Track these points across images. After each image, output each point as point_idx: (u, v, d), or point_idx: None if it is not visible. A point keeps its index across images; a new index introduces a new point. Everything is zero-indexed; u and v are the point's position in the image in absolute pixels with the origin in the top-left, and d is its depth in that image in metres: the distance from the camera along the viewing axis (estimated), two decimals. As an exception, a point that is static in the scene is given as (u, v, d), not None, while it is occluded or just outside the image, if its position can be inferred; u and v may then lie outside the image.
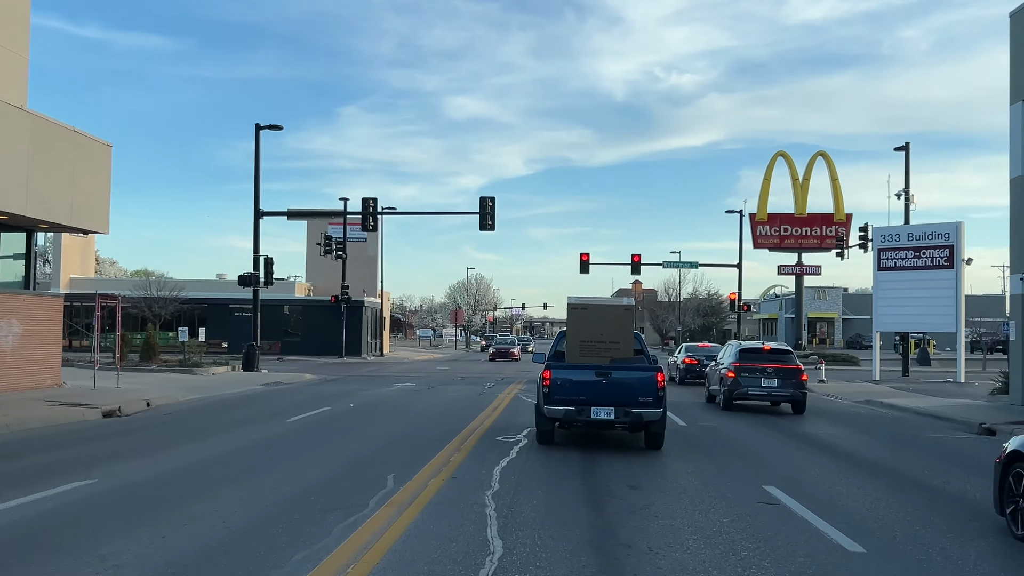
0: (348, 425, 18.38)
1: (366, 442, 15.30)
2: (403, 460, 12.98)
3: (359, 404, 23.70)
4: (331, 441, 15.47)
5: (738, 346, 25.64)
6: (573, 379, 14.28)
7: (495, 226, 39.42)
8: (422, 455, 13.49)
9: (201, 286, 62.50)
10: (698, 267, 65.26)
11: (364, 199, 39.53)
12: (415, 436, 16.25)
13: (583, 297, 15.90)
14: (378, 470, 12.00)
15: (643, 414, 14.15)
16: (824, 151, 65.94)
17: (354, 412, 21.45)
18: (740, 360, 24.34)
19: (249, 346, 39.20)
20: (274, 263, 39.53)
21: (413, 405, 23.71)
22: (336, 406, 22.97)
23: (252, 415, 20.59)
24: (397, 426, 18.14)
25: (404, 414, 21.14)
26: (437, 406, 23.40)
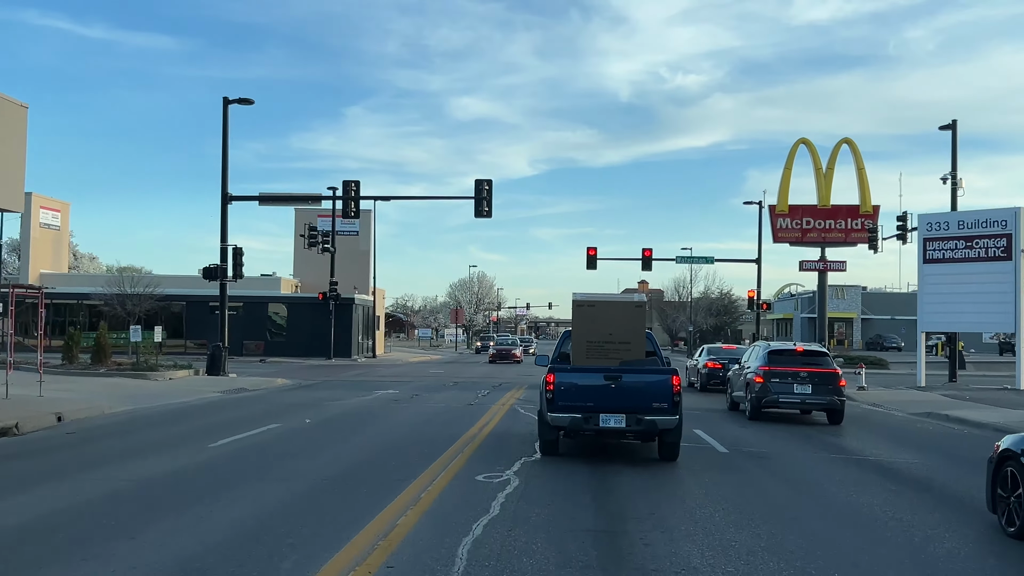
0: (285, 452, 14.05)
1: (289, 486, 10.93)
2: (326, 522, 8.66)
3: (319, 420, 19.35)
4: (243, 483, 11.13)
5: (766, 348, 22.74)
6: (579, 383, 13.09)
7: (492, 212, 35.11)
8: (359, 512, 9.16)
9: (180, 282, 58.20)
10: (714, 262, 60.88)
11: (345, 182, 35.21)
12: (363, 475, 11.92)
13: (590, 293, 14.76)
14: (277, 543, 7.68)
15: (657, 422, 12.91)
16: (850, 138, 61.38)
17: (304, 432, 17.08)
18: (769, 363, 21.57)
19: (215, 347, 34.92)
20: (243, 254, 35.20)
21: (384, 421, 19.35)
22: (289, 422, 18.62)
23: (174, 436, 16.24)
24: (347, 456, 13.75)
25: (366, 435, 16.79)
26: (413, 422, 19.04)
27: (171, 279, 57.91)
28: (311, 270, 62.02)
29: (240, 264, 35.11)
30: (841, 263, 61.69)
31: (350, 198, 35.19)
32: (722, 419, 21.75)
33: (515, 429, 17.71)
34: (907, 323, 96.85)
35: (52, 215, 61.04)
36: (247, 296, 57.74)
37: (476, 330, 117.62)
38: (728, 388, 25.81)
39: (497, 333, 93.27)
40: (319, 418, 19.70)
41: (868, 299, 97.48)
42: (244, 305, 57.82)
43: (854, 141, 61.49)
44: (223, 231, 35.16)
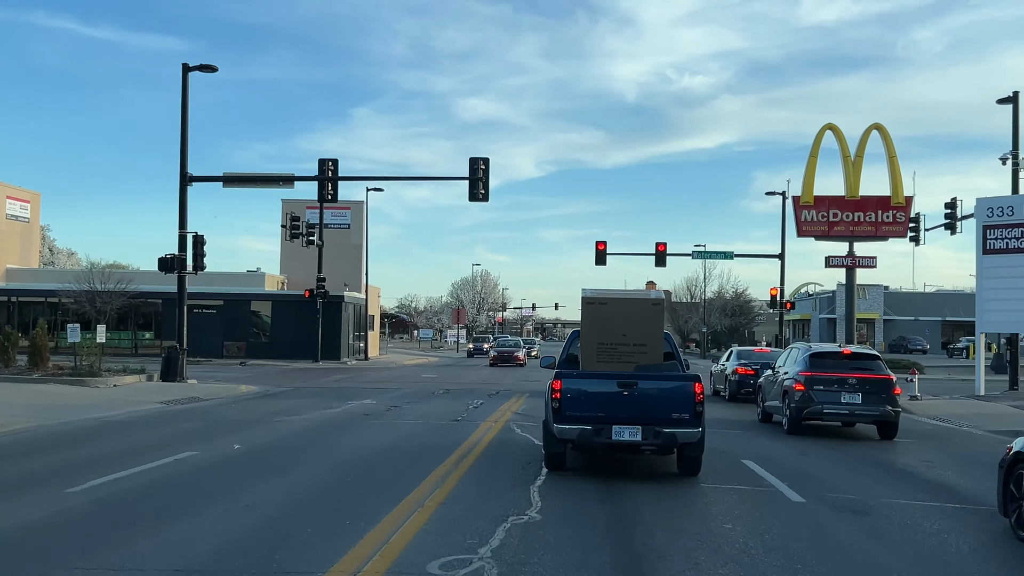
0: (167, 504, 9.73)
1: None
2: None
3: (253, 445, 14.95)
4: (49, 571, 6.69)
5: (807, 350, 19.78)
6: (589, 391, 11.90)
7: (488, 195, 30.67)
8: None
9: (154, 279, 53.62)
10: (733, 257, 56.40)
11: (321, 161, 30.80)
12: (245, 558, 7.44)
13: (601, 290, 13.50)
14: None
15: (677, 435, 11.74)
16: (880, 124, 56.80)
17: (218, 466, 12.68)
18: (812, 368, 18.82)
19: (170, 349, 30.58)
20: (205, 242, 30.81)
21: (335, 448, 14.87)
22: (211, 449, 14.24)
23: (40, 469, 11.92)
24: (244, 517, 9.27)
25: (296, 474, 12.31)
26: (371, 450, 14.59)
27: (145, 275, 53.51)
28: (299, 266, 57.62)
29: (201, 254, 30.75)
30: (871, 259, 57.07)
31: (326, 179, 30.73)
32: (758, 434, 18.61)
33: (504, 462, 13.30)
34: (931, 324, 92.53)
35: (21, 206, 56.85)
36: (228, 294, 53.51)
37: (480, 331, 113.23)
38: (759, 397, 22.25)
39: (495, 335, 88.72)
40: (255, 442, 15.28)
41: (890, 299, 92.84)
42: (225, 303, 53.60)
43: (885, 127, 56.99)
44: (182, 216, 30.80)
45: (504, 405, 23.75)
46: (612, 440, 11.73)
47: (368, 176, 34.12)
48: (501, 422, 19.03)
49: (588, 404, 11.79)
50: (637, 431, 11.66)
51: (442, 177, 36.81)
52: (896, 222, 56.26)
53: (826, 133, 57.33)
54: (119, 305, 50.39)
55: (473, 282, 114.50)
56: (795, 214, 56.51)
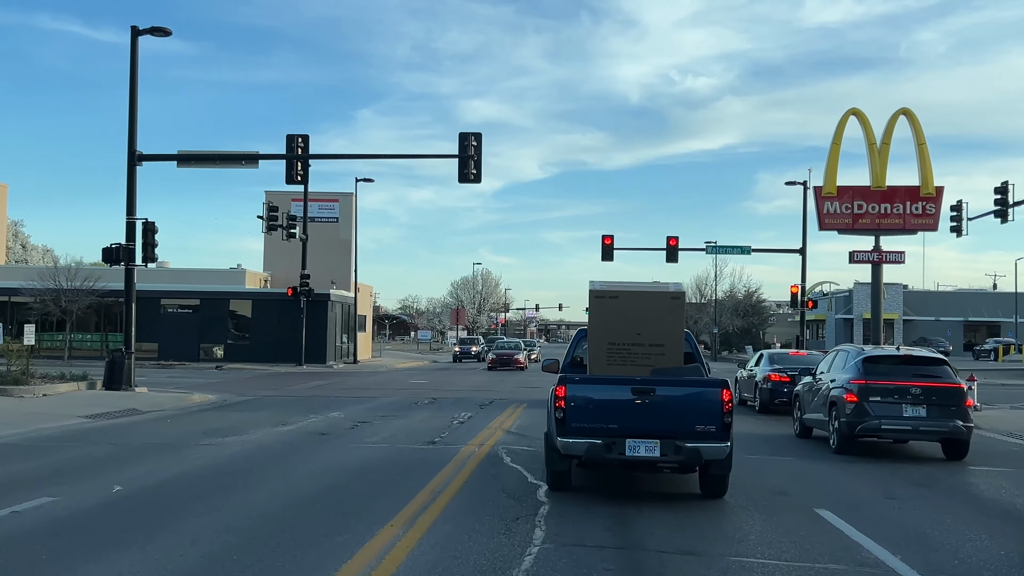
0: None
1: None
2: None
3: (144, 486, 11.04)
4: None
5: (859, 353, 16.75)
6: (599, 398, 10.26)
7: (481, 176, 26.71)
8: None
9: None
10: (750, 252, 52.13)
11: (289, 136, 26.82)
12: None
13: (611, 282, 11.83)
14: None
15: (702, 450, 10.02)
16: (908, 108, 52.77)
17: (64, 527, 8.77)
18: (866, 375, 15.86)
19: (114, 353, 26.65)
20: (156, 231, 26.88)
21: (257, 491, 10.86)
22: (80, 492, 10.37)
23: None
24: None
25: (175, 540, 8.34)
26: (308, 494, 10.65)
27: (116, 272, 49.55)
28: (284, 262, 53.68)
29: (152, 244, 26.82)
30: (898, 253, 53.03)
31: (295, 157, 26.74)
32: (804, 457, 15.49)
33: (482, 516, 9.30)
34: (952, 325, 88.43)
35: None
36: (205, 292, 49.65)
37: (481, 332, 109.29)
38: (797, 408, 19.11)
39: (488, 336, 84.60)
40: (149, 480, 11.34)
41: (911, 299, 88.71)
42: (201, 303, 49.76)
43: (913, 112, 52.96)
44: (129, 200, 26.86)
45: (496, 420, 19.79)
46: (626, 456, 10.20)
47: (344, 155, 29.94)
48: (488, 446, 15.06)
49: (597, 414, 10.25)
50: (655, 446, 10.12)
51: (428, 155, 33.06)
52: (926, 214, 52.08)
53: (850, 119, 53.33)
54: (86, 304, 46.53)
55: (473, 282, 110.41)
56: (817, 206, 52.37)
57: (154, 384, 31.10)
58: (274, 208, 41.51)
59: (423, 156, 35.80)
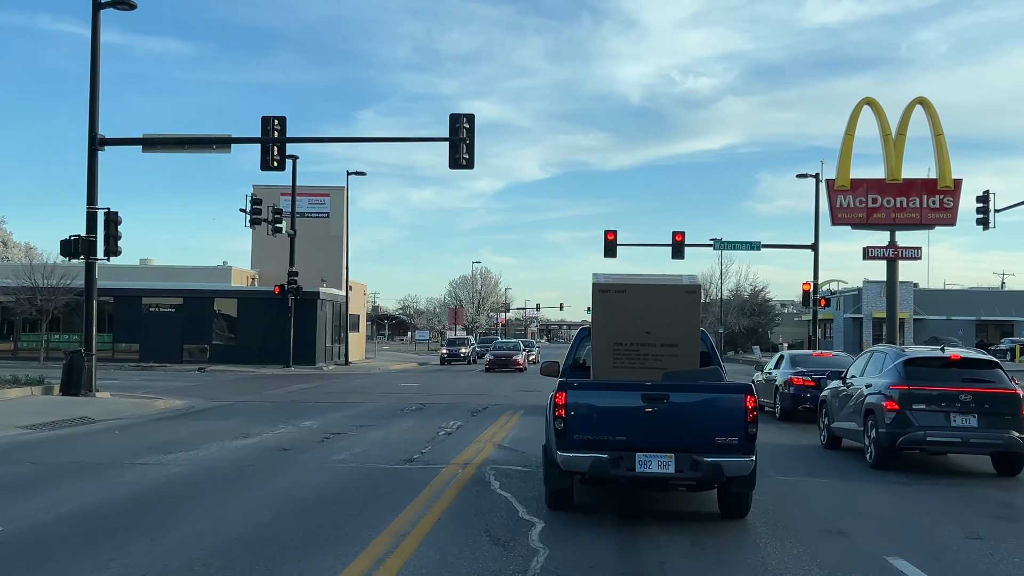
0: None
1: None
2: None
3: (29, 525, 8.78)
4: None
5: (899, 355, 14.87)
6: (604, 406, 9.15)
7: (473, 161, 24.44)
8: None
9: (106, 273, 47.47)
10: (760, 248, 49.85)
11: (264, 118, 24.49)
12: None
13: (618, 274, 10.71)
14: None
15: (723, 465, 8.85)
16: (925, 98, 50.56)
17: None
18: (908, 380, 14.07)
19: (72, 355, 24.34)
20: (120, 222, 24.58)
21: (171, 534, 8.50)
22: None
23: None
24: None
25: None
26: (237, 536, 8.38)
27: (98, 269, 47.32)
28: (273, 260, 51.34)
29: (115, 236, 24.50)
30: (915, 249, 50.81)
31: (271, 141, 24.40)
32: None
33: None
34: (964, 324, 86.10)
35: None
36: (188, 290, 47.37)
37: (481, 332, 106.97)
38: (823, 415, 17.19)
39: (480, 336, 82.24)
40: (47, 516, 9.11)
41: (921, 297, 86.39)
42: (185, 301, 47.43)
43: (930, 101, 50.69)
44: (90, 188, 24.54)
45: (487, 431, 17.52)
46: (635, 472, 9.04)
47: (324, 138, 27.39)
48: (474, 465, 12.77)
49: (603, 424, 9.12)
50: (669, 460, 8.98)
51: (416, 138, 30.71)
52: (943, 208, 49.85)
53: (864, 108, 51.03)
54: (63, 303, 44.24)
55: (472, 281, 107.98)
56: (829, 200, 50.04)
57: (124, 388, 28.95)
58: (257, 201, 39.21)
59: (411, 139, 33.70)
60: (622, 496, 10.48)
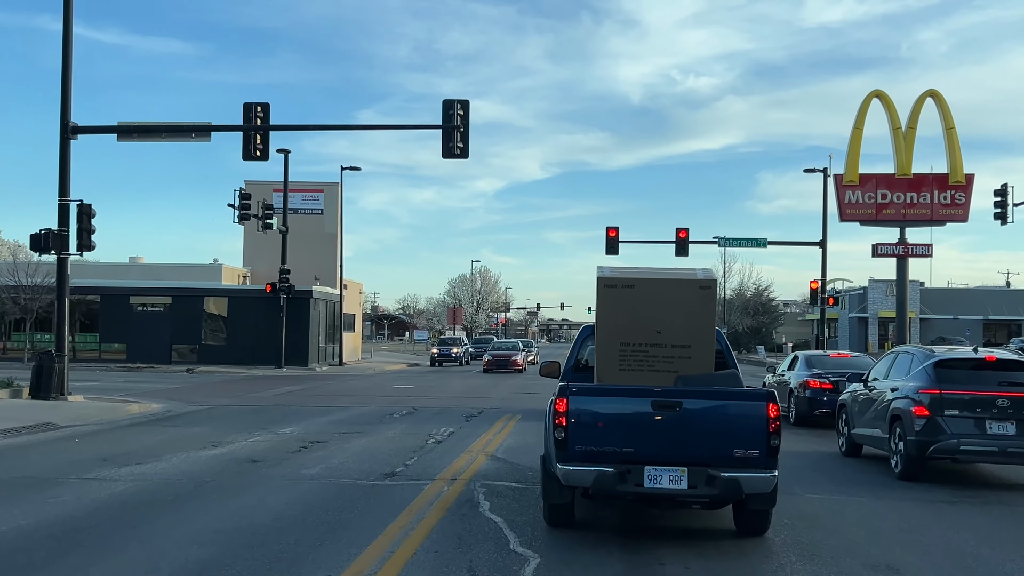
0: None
1: None
2: None
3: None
4: None
5: (928, 357, 13.65)
6: (610, 414, 8.31)
7: (468, 150, 23.04)
8: None
9: (92, 271, 46.37)
10: (767, 245, 48.48)
11: (247, 105, 23.10)
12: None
13: (625, 268, 10.23)
14: None
15: (741, 481, 8.01)
16: (935, 90, 49.05)
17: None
18: (939, 383, 12.88)
19: (43, 356, 22.90)
20: (94, 213, 23.16)
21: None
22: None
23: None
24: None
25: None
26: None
27: (82, 267, 45.91)
28: (265, 258, 50.00)
29: (88, 230, 23.09)
30: (926, 247, 49.43)
31: (254, 128, 23.00)
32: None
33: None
34: (971, 323, 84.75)
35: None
36: (177, 289, 45.97)
37: (481, 332, 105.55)
38: (843, 421, 16.06)
39: (481, 336, 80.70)
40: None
41: (928, 296, 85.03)
42: (174, 300, 46.02)
43: (941, 94, 49.22)
44: (62, 179, 23.12)
45: (480, 439, 16.11)
46: (644, 488, 8.18)
47: (311, 126, 25.77)
48: (463, 480, 11.35)
49: (608, 434, 8.30)
50: (681, 475, 8.12)
51: (407, 126, 29.25)
52: (955, 204, 48.37)
53: (873, 101, 49.58)
54: (48, 302, 42.83)
55: (472, 280, 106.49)
56: (837, 195, 48.59)
57: (104, 390, 27.66)
58: (246, 196, 37.77)
59: (401, 127, 32.15)
60: (628, 512, 9.20)
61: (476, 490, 10.58)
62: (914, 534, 9.08)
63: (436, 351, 56.99)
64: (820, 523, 9.44)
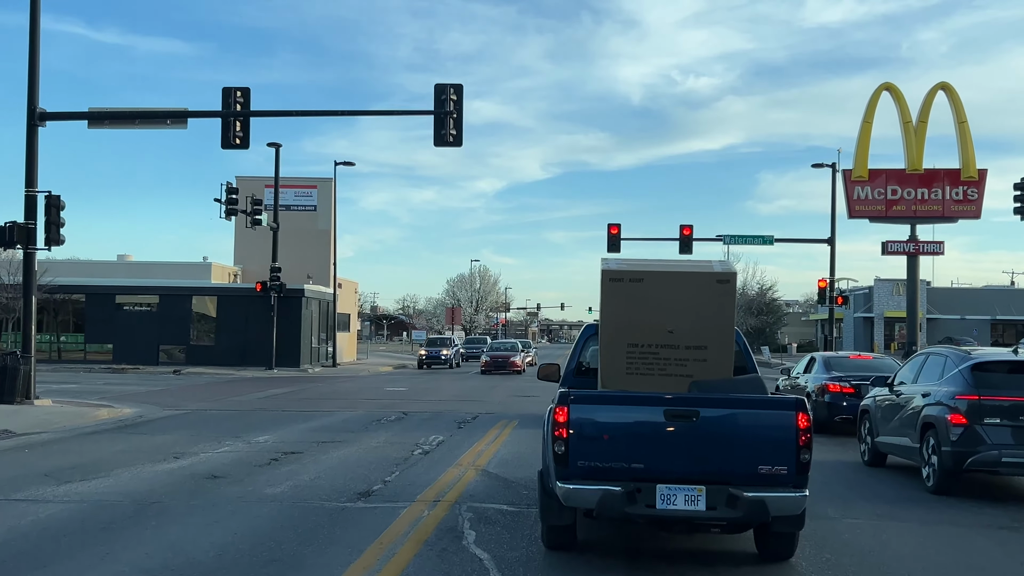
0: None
1: None
2: None
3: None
4: None
5: (964, 359, 12.38)
6: (616, 424, 7.46)
7: (461, 138, 21.61)
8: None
9: (75, 269, 44.93)
10: (773, 242, 46.98)
11: (225, 89, 21.64)
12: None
13: (632, 260, 9.16)
14: None
15: (768, 502, 7.12)
16: (947, 83, 47.63)
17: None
18: (977, 389, 11.65)
19: (8, 357, 21.44)
20: (63, 206, 21.71)
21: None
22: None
23: None
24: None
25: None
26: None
27: (67, 265, 44.52)
28: (257, 256, 48.49)
29: (57, 223, 21.65)
30: (937, 244, 48.01)
31: (233, 114, 21.52)
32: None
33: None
34: (978, 323, 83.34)
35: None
36: (165, 287, 44.56)
37: (480, 332, 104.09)
38: (865, 427, 14.89)
39: (462, 337, 78.91)
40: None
41: (935, 296, 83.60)
42: (161, 300, 44.58)
43: (953, 87, 47.81)
44: (29, 169, 21.64)
45: (472, 449, 14.68)
46: (656, 510, 7.14)
47: (295, 112, 24.14)
48: (448, 501, 9.90)
49: (615, 448, 7.26)
50: (699, 495, 7.10)
51: (396, 112, 27.64)
52: (967, 200, 47.02)
53: (883, 94, 48.16)
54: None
55: (471, 279, 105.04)
56: (846, 191, 47.17)
57: (80, 393, 26.24)
58: (233, 190, 36.27)
59: (388, 113, 30.62)
60: (637, 532, 8.10)
61: (461, 515, 9.13)
62: (986, 574, 7.63)
63: (424, 352, 51.33)
64: (857, 549, 8.13)
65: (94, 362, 43.21)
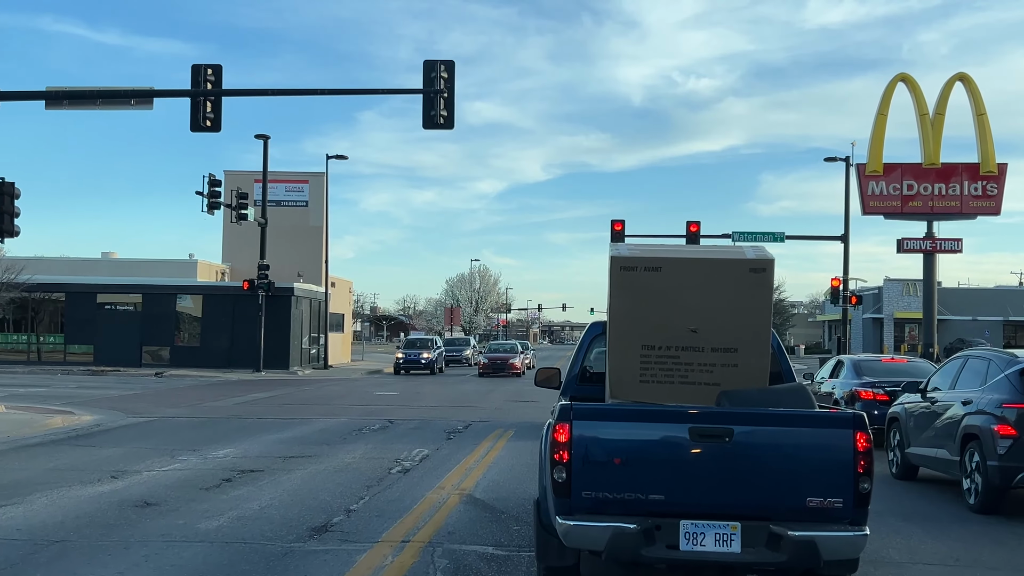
0: None
1: None
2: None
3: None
4: None
5: (1011, 362, 11.00)
6: (629, 444, 6.20)
7: (453, 120, 19.72)
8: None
9: (55, 267, 43.07)
10: (784, 239, 45.08)
11: (195, 67, 19.76)
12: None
13: (647, 247, 7.63)
14: None
15: (818, 542, 5.89)
16: (966, 74, 45.80)
17: None
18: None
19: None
20: (18, 194, 19.81)
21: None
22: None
23: None
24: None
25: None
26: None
27: (43, 262, 42.65)
28: (245, 253, 46.58)
29: (11, 212, 19.75)
30: (955, 241, 46.15)
31: (203, 94, 19.64)
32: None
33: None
34: (991, 324, 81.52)
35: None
36: (148, 286, 42.75)
37: (480, 334, 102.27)
38: (895, 436, 13.66)
39: (447, 337, 76.91)
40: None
41: (946, 296, 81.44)
42: (144, 299, 42.72)
43: (971, 77, 45.90)
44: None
45: (459, 466, 12.81)
46: (680, 552, 5.94)
47: (271, 91, 22.20)
48: (419, 542, 8.00)
49: (629, 475, 6.03)
50: (733, 533, 5.93)
51: (382, 90, 25.49)
52: (987, 195, 45.11)
53: (898, 85, 46.27)
54: (7, 300, 39.58)
55: (470, 279, 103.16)
56: (859, 187, 45.26)
57: (43, 398, 24.46)
58: (216, 183, 34.39)
59: (373, 91, 28.53)
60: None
61: (434, 564, 7.22)
62: None
63: (400, 356, 44.86)
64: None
65: (74, 363, 41.38)
